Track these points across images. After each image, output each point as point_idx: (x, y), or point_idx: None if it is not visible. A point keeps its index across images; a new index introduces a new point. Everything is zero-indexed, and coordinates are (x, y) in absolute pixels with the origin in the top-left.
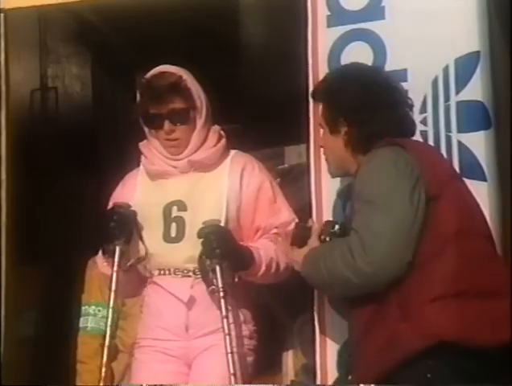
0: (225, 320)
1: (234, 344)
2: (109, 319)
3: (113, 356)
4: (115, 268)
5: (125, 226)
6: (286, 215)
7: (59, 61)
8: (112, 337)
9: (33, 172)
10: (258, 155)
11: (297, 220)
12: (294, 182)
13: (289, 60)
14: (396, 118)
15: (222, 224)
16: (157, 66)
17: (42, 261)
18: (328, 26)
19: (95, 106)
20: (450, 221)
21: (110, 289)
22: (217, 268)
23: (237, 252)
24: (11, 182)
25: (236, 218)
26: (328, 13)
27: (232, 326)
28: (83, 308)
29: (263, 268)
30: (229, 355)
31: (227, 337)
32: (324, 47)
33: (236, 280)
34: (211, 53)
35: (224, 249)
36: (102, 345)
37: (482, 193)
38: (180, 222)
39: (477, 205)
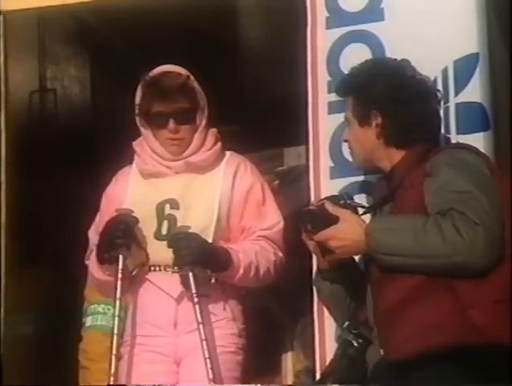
0: (200, 326)
1: (212, 349)
2: (115, 328)
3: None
4: (119, 276)
5: (129, 234)
6: (272, 218)
7: (57, 63)
8: (122, 336)
9: (32, 174)
10: (257, 157)
11: (282, 223)
12: (293, 184)
13: (288, 62)
14: (427, 111)
15: (192, 230)
16: (156, 68)
17: (42, 262)
18: (327, 27)
19: (94, 108)
20: None
21: (115, 298)
22: (190, 275)
23: (212, 254)
24: (11, 183)
25: (226, 217)
26: (327, 14)
27: (209, 330)
28: (91, 307)
29: (241, 271)
30: (208, 361)
31: (204, 342)
32: (322, 49)
33: (212, 281)
34: (210, 55)
35: (194, 255)
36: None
37: None
38: (172, 220)
39: None
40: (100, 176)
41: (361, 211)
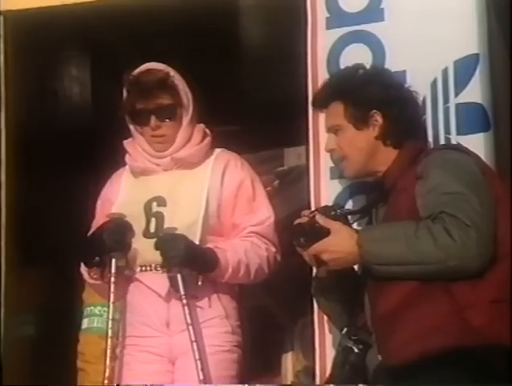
0: (190, 327)
1: (202, 350)
2: (110, 330)
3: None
4: (113, 280)
5: (122, 238)
6: (263, 213)
7: (58, 63)
8: (117, 337)
9: (32, 174)
10: (258, 157)
11: (273, 218)
12: (293, 184)
13: (288, 62)
14: (419, 113)
15: (179, 231)
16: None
17: (42, 262)
18: (328, 28)
19: (94, 108)
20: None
21: (109, 301)
22: (178, 277)
23: (199, 255)
24: (11, 183)
25: (217, 214)
26: (328, 15)
27: (200, 330)
28: (88, 309)
29: (230, 270)
30: (198, 362)
31: (194, 344)
32: (323, 49)
33: (199, 283)
34: (210, 55)
35: (182, 257)
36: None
37: None
38: (159, 217)
39: None
40: (100, 176)
41: (354, 217)
